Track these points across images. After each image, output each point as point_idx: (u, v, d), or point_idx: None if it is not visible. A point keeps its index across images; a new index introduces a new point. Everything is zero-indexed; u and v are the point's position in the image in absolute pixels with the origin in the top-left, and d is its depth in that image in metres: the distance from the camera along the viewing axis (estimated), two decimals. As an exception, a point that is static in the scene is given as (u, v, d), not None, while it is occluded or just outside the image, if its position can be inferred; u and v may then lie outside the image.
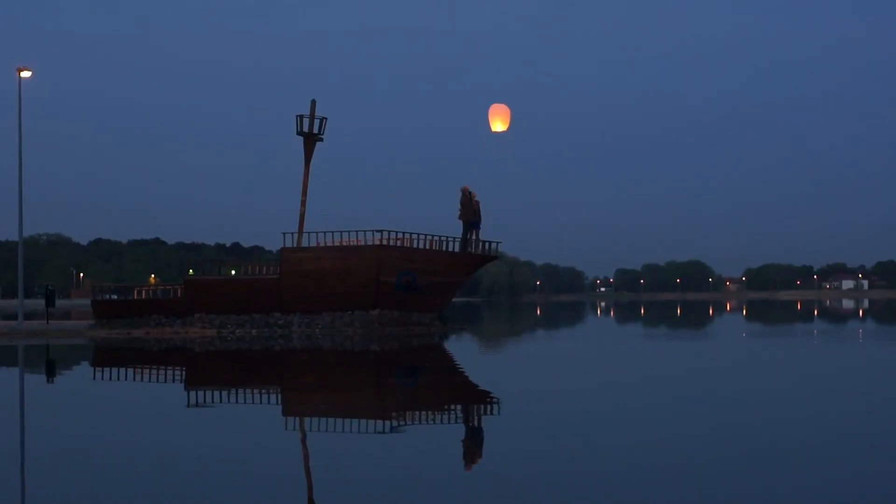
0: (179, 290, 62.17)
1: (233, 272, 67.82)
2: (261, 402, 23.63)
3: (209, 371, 34.27)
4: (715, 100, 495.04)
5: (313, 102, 62.23)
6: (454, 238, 60.94)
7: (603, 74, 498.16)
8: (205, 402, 23.61)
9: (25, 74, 64.47)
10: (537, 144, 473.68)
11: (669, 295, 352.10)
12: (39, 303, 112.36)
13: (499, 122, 49.78)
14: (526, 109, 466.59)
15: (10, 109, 67.23)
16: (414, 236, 60.82)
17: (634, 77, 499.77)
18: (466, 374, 31.01)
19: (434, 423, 19.49)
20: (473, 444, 16.94)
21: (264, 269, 64.12)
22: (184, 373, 33.30)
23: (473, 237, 61.06)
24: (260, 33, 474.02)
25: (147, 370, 34.13)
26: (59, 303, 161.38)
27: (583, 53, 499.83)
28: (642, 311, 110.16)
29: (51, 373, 33.48)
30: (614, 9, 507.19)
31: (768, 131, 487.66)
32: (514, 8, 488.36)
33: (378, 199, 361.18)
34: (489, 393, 24.42)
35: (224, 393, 25.42)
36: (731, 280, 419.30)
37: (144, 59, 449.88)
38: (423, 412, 21.00)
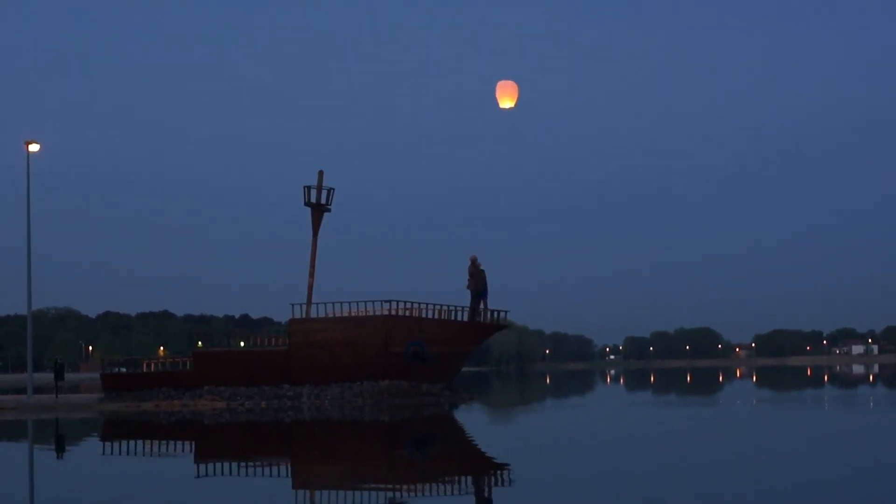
0: (188, 363, 62.13)
1: (241, 344, 67.79)
2: (271, 474, 23.53)
3: (219, 443, 34.16)
4: (720, 166, 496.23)
5: (320, 173, 62.44)
6: (463, 307, 60.90)
7: (605, 138, 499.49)
8: (214, 473, 23.52)
9: (33, 148, 64.83)
10: (545, 210, 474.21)
11: (679, 362, 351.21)
12: (48, 376, 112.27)
13: (507, 100, 49.67)
14: (530, 175, 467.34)
15: (18, 183, 67.49)
16: (422, 306, 60.77)
17: (638, 143, 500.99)
18: (477, 444, 30.89)
19: (444, 494, 19.39)
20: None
21: (273, 340, 64.11)
22: (193, 445, 33.19)
23: (482, 306, 60.98)
24: (267, 105, 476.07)
25: (157, 443, 34.02)
26: (68, 376, 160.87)
27: (587, 113, 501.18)
28: (652, 379, 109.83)
29: (60, 447, 33.38)
30: (621, 70, 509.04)
31: (774, 196, 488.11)
32: (518, 66, 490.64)
33: (386, 268, 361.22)
34: (501, 464, 24.30)
35: (234, 465, 25.32)
36: (740, 346, 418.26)
37: (152, 132, 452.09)
38: (433, 483, 20.90)
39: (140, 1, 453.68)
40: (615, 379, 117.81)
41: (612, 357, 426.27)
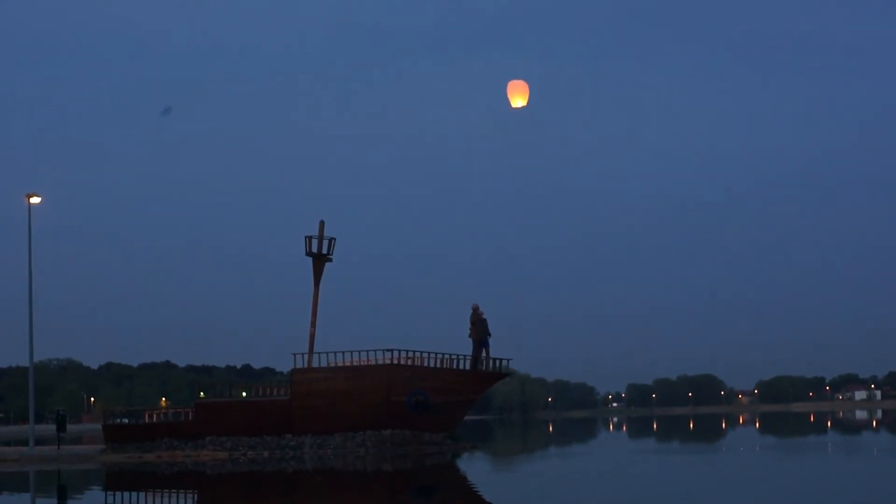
0: (190, 413, 62.09)
1: (243, 394, 67.78)
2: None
3: (222, 494, 34.12)
4: (722, 214, 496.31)
5: (321, 223, 62.50)
6: (465, 356, 60.87)
7: (603, 184, 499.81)
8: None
9: (35, 200, 64.99)
10: (546, 258, 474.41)
11: (682, 409, 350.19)
12: (50, 428, 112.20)
13: (518, 98, 49.66)
14: (531, 222, 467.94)
15: (20, 235, 67.65)
16: (424, 355, 60.78)
17: (639, 188, 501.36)
18: (480, 493, 30.86)
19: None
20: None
21: (275, 390, 64.09)
22: (196, 496, 33.16)
23: (484, 355, 60.96)
24: (270, 152, 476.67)
25: (159, 494, 33.98)
26: (70, 427, 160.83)
27: (585, 159, 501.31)
28: (654, 427, 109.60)
29: (62, 498, 33.35)
30: (620, 116, 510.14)
31: (775, 242, 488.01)
32: (523, 113, 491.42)
33: (387, 316, 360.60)
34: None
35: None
36: (742, 393, 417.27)
37: (153, 181, 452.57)
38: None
39: (140, 55, 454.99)
40: (618, 427, 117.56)
41: (614, 404, 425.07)
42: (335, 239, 62.75)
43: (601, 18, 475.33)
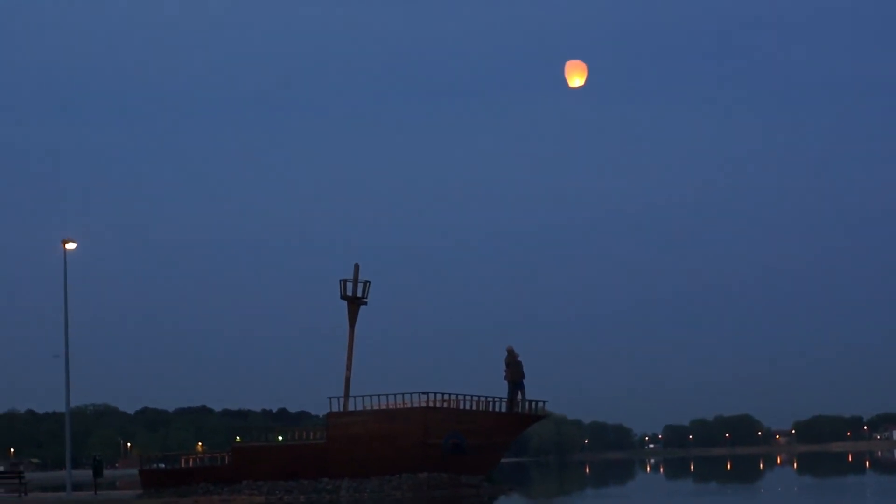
0: (227, 458, 62.13)
1: (279, 438, 67.81)
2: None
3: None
4: (744, 248, 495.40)
5: (356, 267, 62.53)
6: (500, 398, 60.74)
7: (621, 221, 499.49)
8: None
9: (70, 246, 65.41)
10: (580, 298, 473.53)
11: (719, 450, 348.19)
12: (87, 473, 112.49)
13: (576, 78, 49.56)
14: (563, 265, 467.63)
15: (56, 281, 68.02)
16: (460, 397, 60.66)
17: (663, 227, 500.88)
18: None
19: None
20: None
21: (311, 434, 64.07)
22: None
23: (520, 397, 60.85)
24: (301, 196, 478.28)
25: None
26: (107, 473, 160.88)
27: (617, 196, 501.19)
28: (692, 468, 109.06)
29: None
30: (651, 152, 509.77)
31: (811, 280, 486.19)
32: (559, 155, 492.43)
33: (422, 359, 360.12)
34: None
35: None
36: (780, 433, 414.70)
37: (183, 225, 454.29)
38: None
39: (170, 93, 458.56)
40: (655, 468, 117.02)
41: (651, 446, 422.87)
42: (370, 282, 62.76)
43: (609, 54, 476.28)
